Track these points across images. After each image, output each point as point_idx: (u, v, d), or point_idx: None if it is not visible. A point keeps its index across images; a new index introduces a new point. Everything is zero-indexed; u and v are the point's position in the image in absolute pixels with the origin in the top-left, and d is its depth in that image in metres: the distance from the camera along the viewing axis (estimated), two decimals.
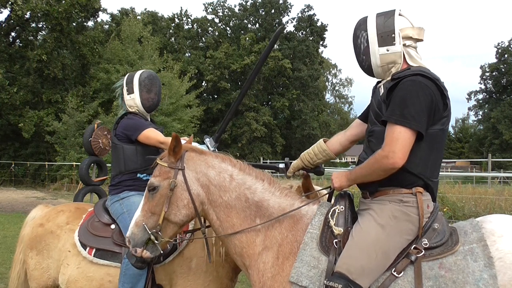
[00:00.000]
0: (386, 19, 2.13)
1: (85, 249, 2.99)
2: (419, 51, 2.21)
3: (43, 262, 3.10)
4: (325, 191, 2.57)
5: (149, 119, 3.37)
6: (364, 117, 2.47)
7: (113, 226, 3.05)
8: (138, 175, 3.17)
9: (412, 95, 1.98)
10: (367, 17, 2.20)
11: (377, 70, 2.18)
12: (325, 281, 2.00)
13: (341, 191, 2.29)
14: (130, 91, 3.23)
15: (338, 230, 2.13)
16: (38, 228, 3.18)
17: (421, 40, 2.16)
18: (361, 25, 2.19)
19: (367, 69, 2.21)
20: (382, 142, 2.04)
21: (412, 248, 2.05)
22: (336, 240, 2.12)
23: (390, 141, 1.99)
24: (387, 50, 2.12)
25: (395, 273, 2.02)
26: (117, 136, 3.19)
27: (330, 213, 2.20)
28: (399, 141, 1.97)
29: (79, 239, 3.03)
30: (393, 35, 2.11)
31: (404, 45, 2.13)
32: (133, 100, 3.23)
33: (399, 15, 2.14)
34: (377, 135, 2.12)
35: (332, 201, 2.34)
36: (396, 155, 1.97)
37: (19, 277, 3.30)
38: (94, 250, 2.97)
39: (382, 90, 2.17)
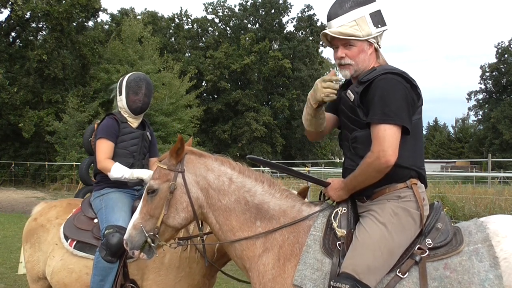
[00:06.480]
0: (380, 15, 2.19)
1: (67, 241, 3.07)
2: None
3: (34, 255, 3.22)
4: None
5: (135, 122, 3.33)
6: (330, 109, 2.44)
7: (95, 221, 3.12)
8: None
9: (388, 92, 2.03)
10: None
11: (341, 20, 2.14)
12: (331, 282, 1.99)
13: None
14: (120, 92, 3.29)
15: (341, 232, 2.12)
16: (32, 222, 3.31)
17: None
18: None
19: (341, 8, 2.15)
20: (369, 145, 2.07)
21: (416, 248, 2.05)
22: (339, 242, 2.11)
23: (377, 141, 2.02)
24: (367, 24, 2.13)
25: (399, 274, 2.01)
26: (95, 135, 3.30)
27: (333, 215, 2.19)
28: (386, 138, 2.00)
29: (63, 231, 3.12)
30: (379, 25, 2.15)
31: (377, 42, 2.19)
32: (121, 102, 3.28)
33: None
34: (361, 140, 2.15)
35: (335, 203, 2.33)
36: (386, 153, 1.99)
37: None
38: (75, 242, 3.05)
39: (351, 95, 2.19)
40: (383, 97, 2.03)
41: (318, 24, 44.96)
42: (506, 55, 46.98)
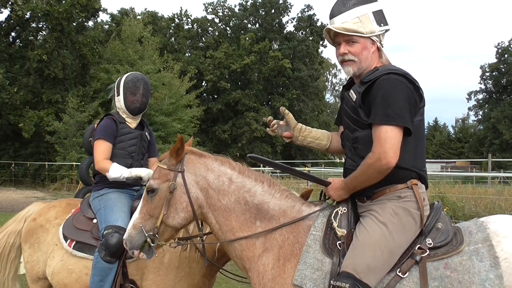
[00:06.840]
0: (383, 14, 2.20)
1: (66, 241, 3.07)
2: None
3: (34, 255, 3.22)
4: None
5: (134, 123, 3.32)
6: (340, 122, 2.48)
7: (95, 221, 3.12)
8: None
9: (391, 93, 2.02)
10: None
11: (345, 17, 2.14)
12: (332, 281, 1.99)
13: None
14: (118, 93, 3.28)
15: (341, 231, 2.12)
16: (31, 223, 3.31)
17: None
18: None
19: (344, 5, 2.17)
20: (370, 146, 2.06)
21: (416, 248, 2.06)
22: (339, 241, 2.11)
23: (379, 142, 2.01)
24: (370, 21, 2.14)
25: (400, 274, 2.01)
26: (94, 136, 3.29)
27: (333, 214, 2.19)
28: (387, 140, 1.99)
29: (62, 231, 3.12)
30: (382, 24, 2.16)
31: (380, 42, 2.20)
32: (119, 102, 3.27)
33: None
34: (362, 141, 2.14)
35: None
36: (387, 154, 1.98)
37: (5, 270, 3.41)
38: (74, 243, 3.05)
39: (353, 95, 2.19)
40: (385, 98, 2.02)
41: (318, 24, 44.91)
42: (506, 55, 46.96)
